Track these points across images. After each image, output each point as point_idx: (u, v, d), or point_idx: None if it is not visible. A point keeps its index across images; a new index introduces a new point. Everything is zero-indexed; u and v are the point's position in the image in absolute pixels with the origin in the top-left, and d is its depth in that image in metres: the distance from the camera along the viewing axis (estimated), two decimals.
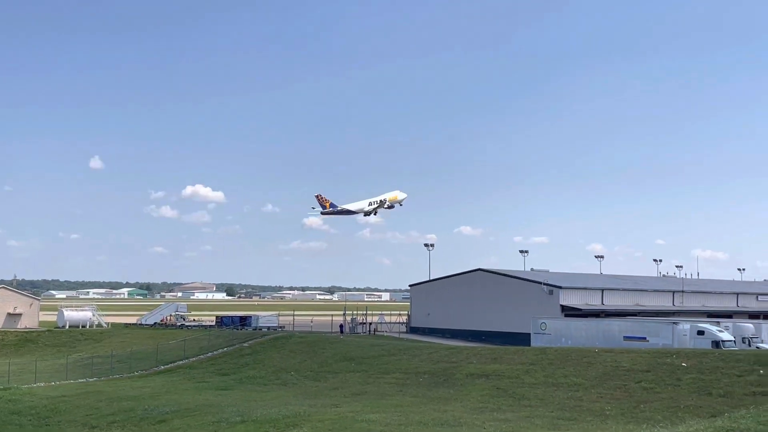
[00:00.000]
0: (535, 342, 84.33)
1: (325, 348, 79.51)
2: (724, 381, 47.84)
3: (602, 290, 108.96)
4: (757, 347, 76.78)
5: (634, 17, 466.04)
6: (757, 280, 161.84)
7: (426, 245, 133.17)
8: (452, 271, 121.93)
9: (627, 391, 48.49)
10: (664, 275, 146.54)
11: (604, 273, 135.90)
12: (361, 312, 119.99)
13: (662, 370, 52.38)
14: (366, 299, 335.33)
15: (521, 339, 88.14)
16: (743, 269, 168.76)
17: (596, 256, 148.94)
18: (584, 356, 59.38)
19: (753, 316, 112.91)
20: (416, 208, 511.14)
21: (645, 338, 76.88)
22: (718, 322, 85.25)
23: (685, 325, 77.63)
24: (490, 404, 47.36)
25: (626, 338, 77.60)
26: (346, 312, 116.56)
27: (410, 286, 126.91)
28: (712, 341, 72.74)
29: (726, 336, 75.38)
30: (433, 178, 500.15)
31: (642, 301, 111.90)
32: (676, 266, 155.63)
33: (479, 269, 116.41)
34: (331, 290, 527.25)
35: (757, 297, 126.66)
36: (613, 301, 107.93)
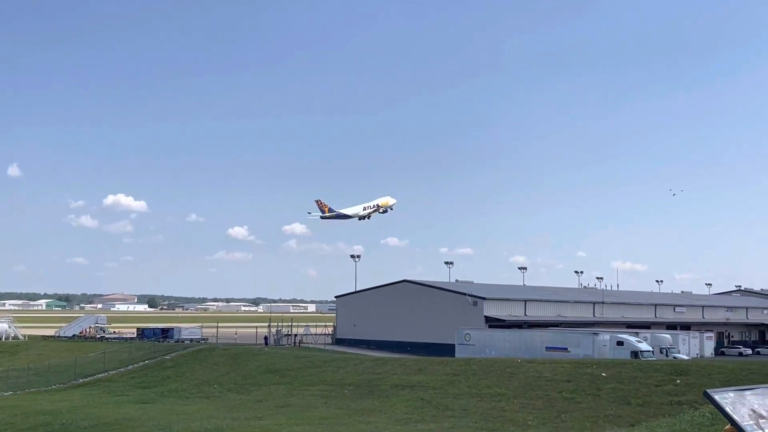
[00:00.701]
0: (459, 353, 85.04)
1: (249, 360, 78.69)
2: (642, 391, 48.91)
3: (525, 301, 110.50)
4: (674, 357, 79.02)
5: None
6: (674, 291, 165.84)
7: (353, 256, 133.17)
8: (379, 282, 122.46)
9: (549, 401, 49.16)
10: (585, 287, 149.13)
11: (527, 284, 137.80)
12: (287, 324, 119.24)
13: (583, 380, 53.30)
14: (292, 311, 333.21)
15: (446, 350, 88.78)
16: (661, 281, 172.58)
17: (519, 268, 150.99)
18: (507, 367, 60.06)
19: (670, 326, 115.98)
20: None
21: (566, 349, 78.29)
22: (637, 333, 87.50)
23: (605, 336, 79.37)
24: (415, 415, 47.47)
25: (548, 349, 78.88)
26: (271, 324, 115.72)
27: (336, 297, 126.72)
28: (631, 351, 74.58)
29: (644, 346, 77.41)
30: (359, 189, 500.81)
31: (564, 312, 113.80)
32: (597, 278, 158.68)
33: (405, 280, 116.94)
34: (256, 302, 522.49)
35: (674, 308, 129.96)
36: (535, 312, 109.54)
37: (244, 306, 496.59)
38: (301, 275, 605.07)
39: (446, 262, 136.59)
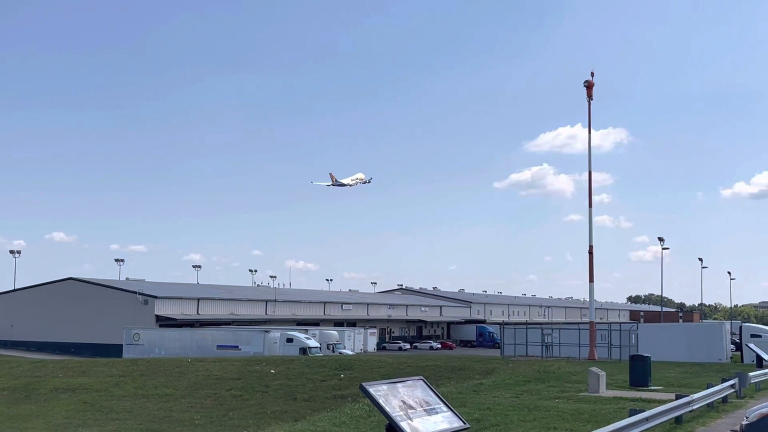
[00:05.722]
0: (127, 353, 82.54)
1: None
2: (308, 386, 50.40)
3: (198, 300, 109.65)
4: (340, 353, 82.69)
5: None
6: (342, 290, 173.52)
7: (12, 252, 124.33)
8: (42, 280, 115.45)
9: (217, 400, 49.05)
10: (258, 285, 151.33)
11: (201, 283, 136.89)
12: None
13: (252, 377, 53.86)
14: None
15: (114, 350, 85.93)
16: (331, 280, 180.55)
17: (194, 266, 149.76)
18: (177, 366, 59.18)
19: (338, 323, 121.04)
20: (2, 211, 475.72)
21: (237, 347, 78.93)
22: (306, 330, 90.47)
23: (276, 333, 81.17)
24: (76, 419, 45.08)
25: (219, 347, 79.03)
26: None
27: None
28: (300, 348, 76.99)
29: (313, 343, 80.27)
30: (22, 177, 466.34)
31: (237, 310, 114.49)
32: (271, 276, 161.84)
33: (71, 278, 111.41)
34: None
35: (341, 306, 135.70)
36: (208, 311, 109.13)
37: None
38: None
39: (117, 260, 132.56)
